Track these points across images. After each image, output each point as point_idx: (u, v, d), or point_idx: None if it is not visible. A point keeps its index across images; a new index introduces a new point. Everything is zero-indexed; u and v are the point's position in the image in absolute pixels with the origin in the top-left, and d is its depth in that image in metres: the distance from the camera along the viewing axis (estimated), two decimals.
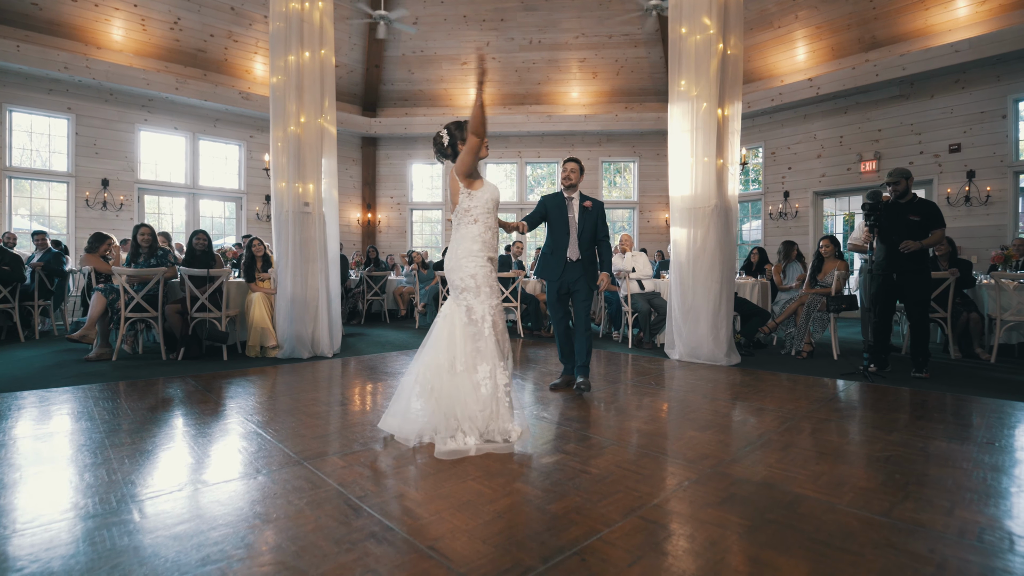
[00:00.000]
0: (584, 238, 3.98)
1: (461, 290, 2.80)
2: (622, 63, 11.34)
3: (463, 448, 2.53)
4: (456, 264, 2.83)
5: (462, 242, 2.84)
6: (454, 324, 2.75)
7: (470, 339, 2.70)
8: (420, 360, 2.76)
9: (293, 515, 1.91)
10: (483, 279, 2.80)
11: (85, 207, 8.92)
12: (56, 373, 4.47)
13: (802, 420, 3.17)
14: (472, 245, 2.82)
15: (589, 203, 4.02)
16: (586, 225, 3.98)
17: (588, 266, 3.99)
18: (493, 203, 2.92)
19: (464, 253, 2.82)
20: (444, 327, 2.77)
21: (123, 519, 1.87)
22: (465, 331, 2.72)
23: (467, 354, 2.67)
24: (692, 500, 2.05)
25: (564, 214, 3.99)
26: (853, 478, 2.27)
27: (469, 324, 2.74)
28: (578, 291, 3.97)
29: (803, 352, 5.55)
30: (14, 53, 7.87)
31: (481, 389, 2.63)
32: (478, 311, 2.76)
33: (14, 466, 2.36)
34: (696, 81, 5.20)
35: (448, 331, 2.74)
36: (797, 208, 10.37)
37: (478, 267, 2.80)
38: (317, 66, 5.40)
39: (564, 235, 3.98)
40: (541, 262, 4.16)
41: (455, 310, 2.79)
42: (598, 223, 4.03)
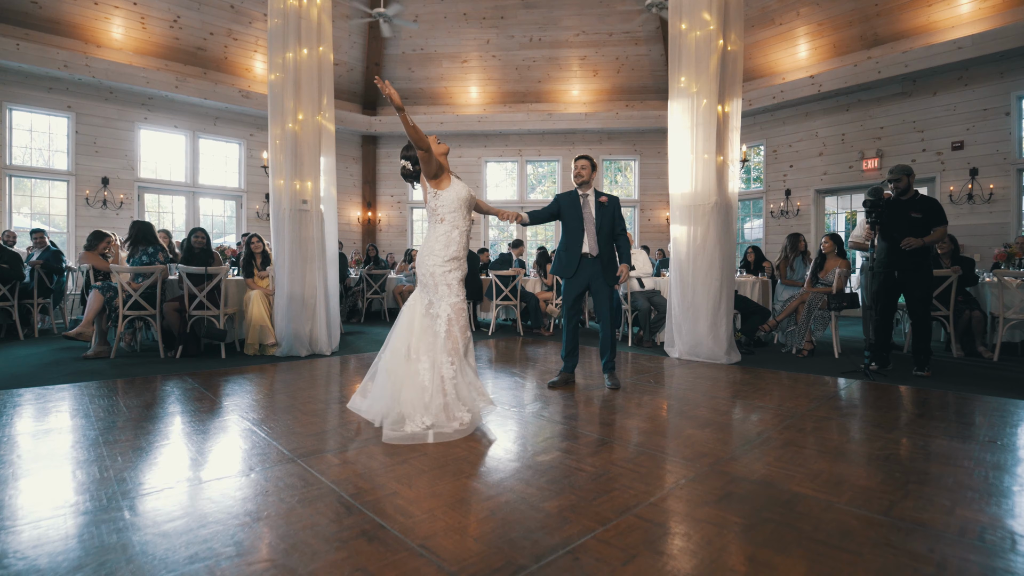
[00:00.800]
0: (603, 234, 3.96)
1: (424, 286, 3.00)
2: (623, 61, 11.30)
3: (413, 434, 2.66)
4: (420, 260, 3.02)
5: (429, 241, 3.03)
6: (414, 315, 2.95)
7: (427, 331, 2.88)
8: (386, 346, 2.97)
9: (284, 513, 1.89)
10: (440, 277, 2.95)
11: (85, 205, 8.92)
12: (53, 371, 4.46)
13: (802, 418, 3.14)
14: (435, 244, 2.98)
15: (605, 198, 4.00)
16: (604, 221, 3.96)
17: (607, 262, 3.97)
18: (459, 202, 3.04)
19: (427, 251, 2.99)
20: (405, 316, 2.99)
21: (113, 516, 1.85)
22: (422, 323, 2.90)
23: (421, 344, 2.85)
24: (689, 498, 2.02)
25: (578, 211, 3.98)
26: (852, 476, 2.24)
27: (426, 317, 2.92)
28: (598, 289, 3.95)
29: (804, 350, 5.52)
30: (14, 51, 7.86)
31: (423, 378, 2.78)
32: (435, 307, 2.94)
33: (5, 463, 2.34)
34: (696, 78, 5.17)
35: (407, 320, 2.96)
36: (799, 206, 10.32)
37: (436, 265, 2.96)
38: (315, 63, 5.37)
39: (578, 232, 3.96)
40: (556, 260, 4.16)
41: (417, 302, 2.99)
42: (615, 218, 4.01)
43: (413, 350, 2.83)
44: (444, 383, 2.79)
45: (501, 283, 7.42)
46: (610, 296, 4.01)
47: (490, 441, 2.71)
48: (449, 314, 2.90)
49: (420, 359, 2.81)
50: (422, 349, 2.83)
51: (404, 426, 2.69)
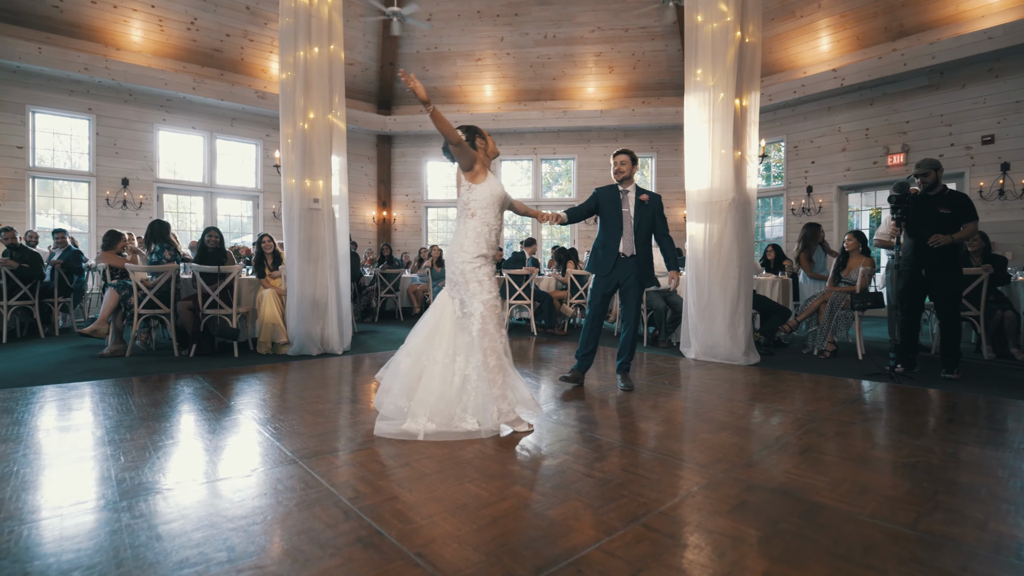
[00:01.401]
0: (640, 233, 3.84)
1: (455, 284, 2.86)
2: (639, 57, 11.14)
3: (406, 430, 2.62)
4: (449, 257, 2.90)
5: (458, 236, 2.91)
6: (444, 314, 2.84)
7: (462, 331, 2.77)
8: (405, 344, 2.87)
9: (281, 516, 1.84)
10: (471, 274, 2.82)
11: (106, 206, 9.08)
12: (69, 369, 4.50)
13: (823, 423, 3.01)
14: (464, 240, 2.87)
15: (646, 196, 3.87)
16: (643, 220, 3.84)
17: (643, 263, 3.84)
18: (493, 198, 2.93)
19: (456, 248, 2.88)
20: (432, 315, 2.87)
21: (109, 518, 1.81)
22: (454, 322, 2.79)
23: (455, 343, 2.75)
24: (701, 507, 1.92)
25: (617, 208, 3.86)
26: (877, 486, 2.12)
27: (462, 317, 2.80)
28: (629, 288, 3.83)
29: (826, 351, 5.34)
30: (36, 55, 8.03)
31: (455, 379, 2.70)
32: (467, 306, 2.81)
33: (8, 461, 2.33)
34: (713, 71, 5.03)
35: (435, 319, 2.85)
36: (821, 203, 10.06)
37: (465, 262, 2.83)
38: (326, 61, 5.36)
39: (617, 229, 3.84)
40: (592, 257, 4.02)
41: (448, 301, 2.87)
42: (656, 218, 3.88)
43: (443, 350, 2.74)
44: (467, 382, 2.72)
45: (515, 282, 7.34)
46: (639, 298, 3.88)
47: (496, 444, 2.63)
48: (483, 312, 2.77)
49: (455, 359, 2.72)
50: (458, 349, 2.74)
51: (404, 423, 2.65)
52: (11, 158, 8.29)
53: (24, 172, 8.41)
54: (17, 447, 2.52)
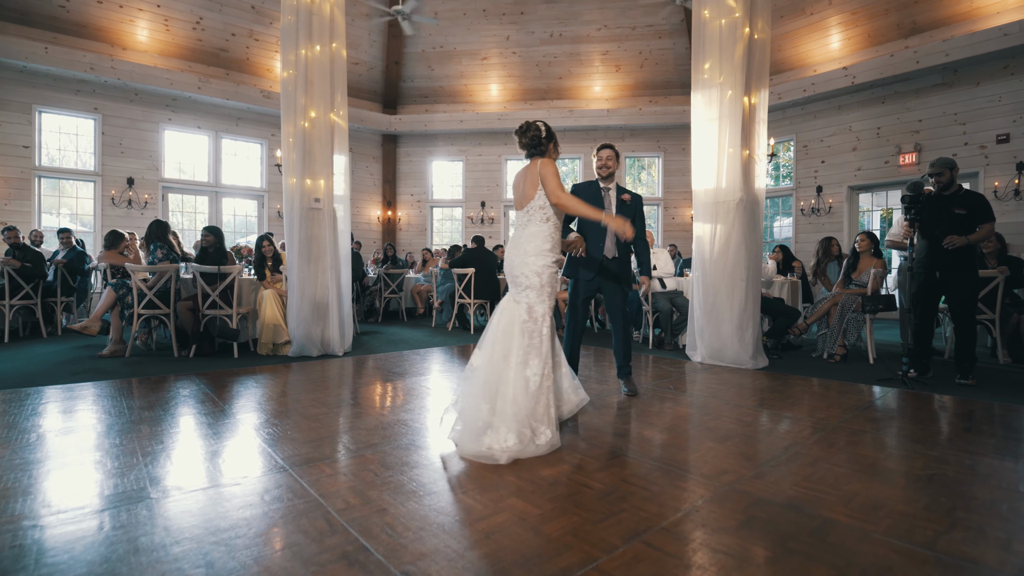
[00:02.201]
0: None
1: (524, 288, 2.77)
2: (646, 55, 11.02)
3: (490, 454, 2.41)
4: (523, 260, 2.79)
5: (532, 239, 2.80)
6: (512, 320, 2.73)
7: (526, 335, 2.68)
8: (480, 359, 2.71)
9: (264, 530, 1.76)
10: (548, 279, 2.77)
11: (111, 205, 9.09)
12: (68, 369, 4.47)
13: (834, 431, 2.90)
14: (543, 244, 2.79)
15: (628, 196, 3.70)
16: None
17: (625, 265, 3.70)
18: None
19: (534, 251, 2.78)
20: (501, 322, 2.75)
21: (85, 528, 1.75)
22: (523, 327, 2.70)
23: (522, 349, 2.65)
24: (705, 523, 1.83)
25: (599, 207, 3.60)
26: (891, 500, 2.01)
27: (528, 321, 2.71)
28: (611, 291, 3.66)
29: (836, 355, 5.21)
30: (42, 55, 8.04)
31: (531, 385, 2.59)
32: (538, 310, 2.73)
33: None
34: (721, 67, 4.92)
35: (505, 327, 2.73)
36: (831, 204, 9.89)
37: (545, 266, 2.77)
38: (328, 59, 5.30)
39: (599, 230, 3.60)
40: (571, 259, 3.77)
41: (514, 308, 2.77)
42: (636, 218, 3.67)
43: (514, 356, 2.62)
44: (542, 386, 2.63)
45: None
46: (624, 299, 3.72)
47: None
48: (545, 314, 2.74)
49: (528, 364, 2.62)
50: (531, 355, 2.64)
51: (484, 437, 2.45)
52: (17, 157, 8.31)
53: (30, 171, 8.43)
54: (4, 451, 2.47)
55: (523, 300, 2.75)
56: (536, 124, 2.89)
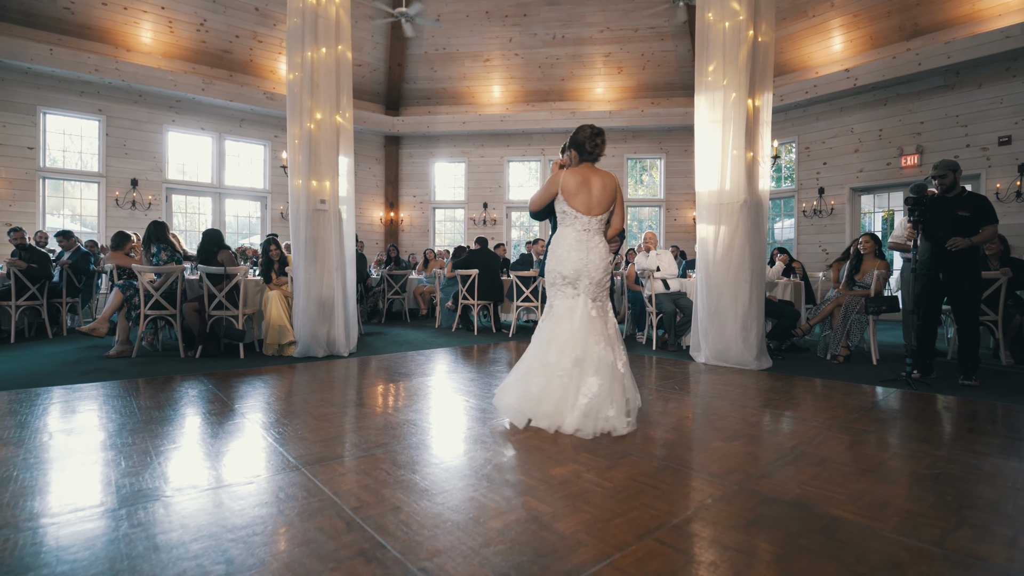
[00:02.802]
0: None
1: (604, 286, 3.07)
2: (648, 57, 11.05)
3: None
4: (606, 267, 3.06)
5: (604, 246, 3.08)
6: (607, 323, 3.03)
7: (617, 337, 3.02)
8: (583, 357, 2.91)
9: (281, 527, 1.79)
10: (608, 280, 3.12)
11: (115, 206, 9.12)
12: (75, 370, 4.50)
13: (840, 431, 2.92)
14: (607, 253, 3.10)
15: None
16: None
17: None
18: None
19: (607, 253, 3.08)
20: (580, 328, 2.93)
21: (106, 526, 1.77)
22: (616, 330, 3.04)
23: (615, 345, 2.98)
24: (716, 521, 1.85)
25: None
26: (898, 499, 2.04)
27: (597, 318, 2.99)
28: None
29: (839, 356, 5.24)
30: (47, 56, 8.07)
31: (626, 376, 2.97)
32: (606, 308, 3.08)
33: (5, 466, 2.30)
34: (725, 70, 4.95)
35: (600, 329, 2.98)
36: (833, 205, 9.92)
37: (612, 264, 3.14)
38: (333, 61, 5.33)
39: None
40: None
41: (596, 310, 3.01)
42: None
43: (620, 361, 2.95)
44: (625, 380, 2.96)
45: (522, 284, 7.29)
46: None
47: (502, 451, 2.57)
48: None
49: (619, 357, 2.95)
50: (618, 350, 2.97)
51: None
52: (22, 159, 8.34)
53: (35, 172, 8.47)
54: (19, 451, 2.49)
55: (603, 302, 3.06)
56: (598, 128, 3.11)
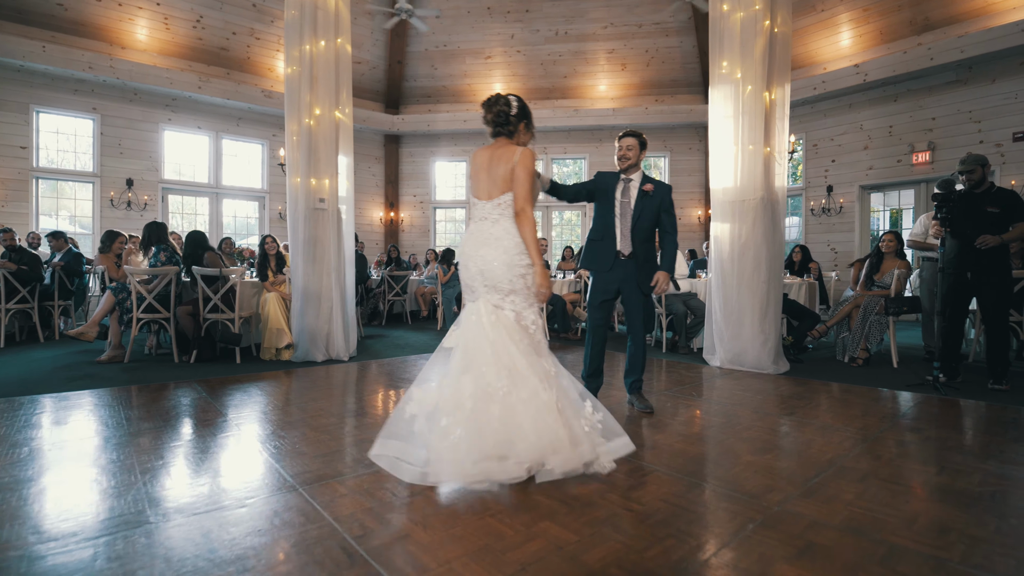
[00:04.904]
0: (640, 228, 3.24)
1: (508, 292, 2.39)
2: (652, 54, 10.86)
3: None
4: (508, 260, 2.37)
5: (510, 236, 2.41)
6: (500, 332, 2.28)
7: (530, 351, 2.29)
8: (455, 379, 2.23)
9: (275, 561, 1.59)
10: (531, 280, 2.42)
11: (110, 207, 8.91)
12: (62, 376, 4.30)
13: (876, 442, 2.73)
14: (514, 246, 2.41)
15: (651, 186, 3.24)
16: (644, 212, 3.23)
17: (643, 264, 3.24)
18: (536, 199, 2.65)
19: (516, 249, 2.39)
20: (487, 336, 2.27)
21: (79, 558, 1.58)
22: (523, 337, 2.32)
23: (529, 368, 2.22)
24: (761, 550, 1.66)
25: (611, 196, 3.29)
26: (958, 522, 1.84)
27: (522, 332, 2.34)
28: (630, 296, 3.26)
29: (858, 359, 5.04)
30: (40, 54, 7.87)
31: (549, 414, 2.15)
32: (528, 317, 2.40)
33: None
34: (741, 62, 4.76)
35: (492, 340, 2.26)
36: (842, 203, 9.73)
37: (528, 265, 2.41)
38: (332, 55, 5.13)
39: (610, 222, 3.31)
40: (586, 252, 3.45)
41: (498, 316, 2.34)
42: (661, 212, 3.25)
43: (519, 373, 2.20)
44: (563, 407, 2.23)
45: None
46: (644, 306, 3.29)
47: None
48: (539, 320, 2.45)
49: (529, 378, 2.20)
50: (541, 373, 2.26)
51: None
52: (15, 158, 8.14)
53: (28, 172, 8.26)
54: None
55: (509, 307, 2.38)
56: (507, 97, 2.52)
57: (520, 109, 2.54)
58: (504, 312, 2.38)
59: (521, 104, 2.55)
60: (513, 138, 2.56)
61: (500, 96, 2.54)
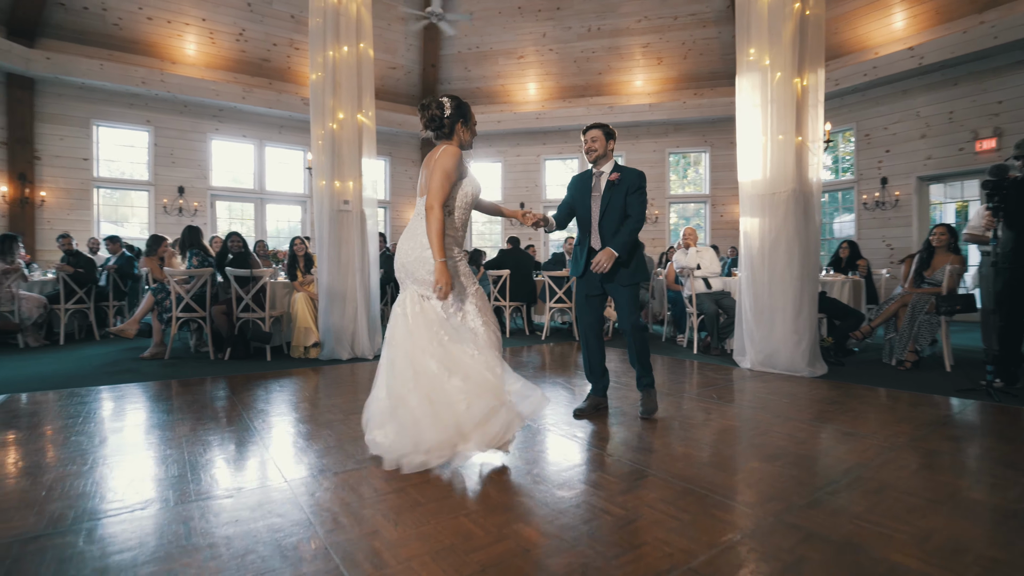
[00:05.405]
0: (609, 219, 3.07)
1: (430, 283, 2.42)
2: (690, 46, 10.53)
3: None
4: (419, 254, 2.43)
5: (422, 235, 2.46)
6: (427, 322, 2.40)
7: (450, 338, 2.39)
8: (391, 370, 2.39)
9: (241, 552, 1.60)
10: (461, 266, 2.51)
11: (163, 213, 9.45)
12: (106, 371, 4.56)
13: (905, 451, 2.51)
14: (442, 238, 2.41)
15: (618, 175, 3.08)
16: (612, 202, 3.06)
17: (620, 256, 3.01)
18: (473, 198, 2.58)
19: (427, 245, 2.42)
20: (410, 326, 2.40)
21: (66, 541, 1.65)
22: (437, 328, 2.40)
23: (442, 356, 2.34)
24: (745, 563, 1.54)
25: (588, 194, 3.18)
26: (978, 542, 1.65)
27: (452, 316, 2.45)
28: (613, 291, 3.11)
29: (906, 362, 4.68)
30: (98, 71, 8.44)
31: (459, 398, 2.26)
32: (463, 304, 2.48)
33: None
34: (769, 48, 4.52)
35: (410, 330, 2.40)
36: (897, 196, 9.10)
37: (453, 259, 2.48)
38: (355, 60, 5.24)
39: (587, 219, 3.22)
40: (572, 257, 3.45)
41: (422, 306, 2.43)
42: (628, 196, 3.05)
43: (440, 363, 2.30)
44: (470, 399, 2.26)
45: (555, 284, 7.00)
46: (630, 299, 3.10)
47: (506, 469, 2.32)
48: (478, 305, 2.50)
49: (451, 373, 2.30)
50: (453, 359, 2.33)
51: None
52: (78, 169, 8.76)
53: (89, 182, 8.88)
54: (13, 457, 2.45)
55: (431, 298, 2.43)
56: (439, 100, 2.52)
57: (455, 109, 2.54)
58: (431, 302, 2.44)
59: (457, 103, 2.55)
60: (452, 138, 2.56)
61: (433, 99, 2.55)
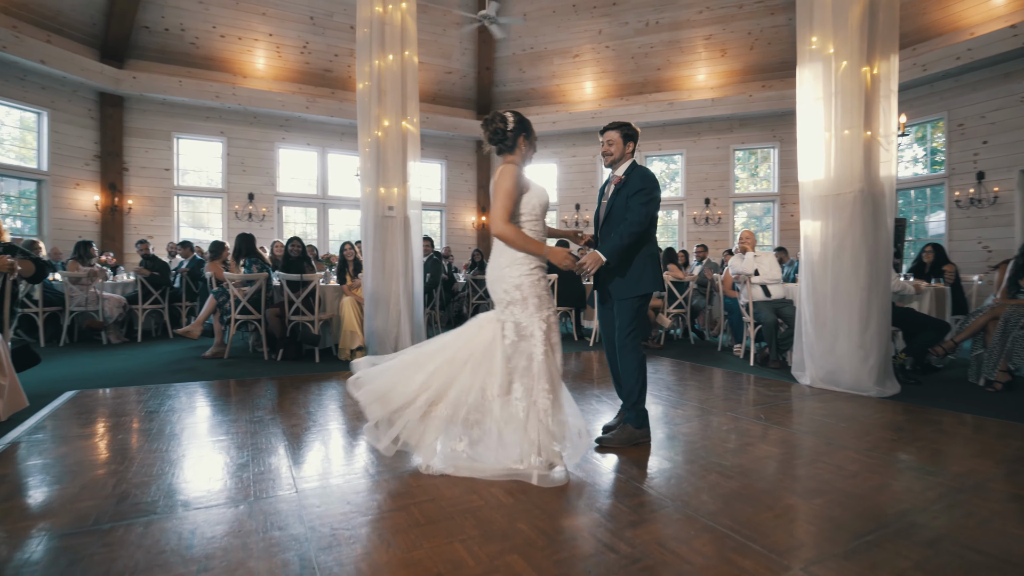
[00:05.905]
0: (609, 224, 2.84)
1: (506, 304, 2.45)
2: (756, 35, 9.93)
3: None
4: (498, 275, 2.47)
5: (499, 250, 2.50)
6: (495, 340, 2.42)
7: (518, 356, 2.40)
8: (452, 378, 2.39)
9: (233, 566, 1.60)
10: (530, 289, 2.43)
11: (235, 218, 10.07)
12: (168, 369, 4.88)
13: (979, 493, 2.17)
14: (516, 253, 2.45)
15: (621, 177, 2.84)
16: (614, 207, 2.83)
17: (616, 265, 2.76)
18: (541, 209, 2.55)
19: (508, 261, 2.46)
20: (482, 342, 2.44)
21: (71, 544, 1.72)
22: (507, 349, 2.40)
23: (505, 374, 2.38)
24: None
25: (600, 199, 3.02)
26: None
27: (519, 341, 2.40)
28: (615, 302, 2.85)
29: (997, 383, 4.13)
30: (177, 87, 9.12)
31: (519, 413, 2.34)
32: (527, 326, 2.41)
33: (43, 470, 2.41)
34: (833, 35, 4.14)
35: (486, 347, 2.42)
36: (996, 193, 8.13)
37: (522, 275, 2.44)
38: (399, 67, 5.30)
39: (597, 226, 3.03)
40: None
41: (495, 326, 2.45)
42: (629, 201, 2.76)
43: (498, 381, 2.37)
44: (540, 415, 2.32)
45: None
46: (628, 313, 2.78)
47: (514, 493, 2.21)
48: (546, 331, 2.42)
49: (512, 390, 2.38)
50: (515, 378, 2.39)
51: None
52: (161, 179, 9.51)
53: (171, 191, 9.61)
54: (49, 457, 2.62)
55: (509, 317, 2.42)
56: (503, 114, 2.51)
57: (518, 123, 2.53)
58: (507, 325, 2.42)
59: (519, 117, 2.55)
60: (514, 153, 2.54)
61: (497, 114, 2.54)
